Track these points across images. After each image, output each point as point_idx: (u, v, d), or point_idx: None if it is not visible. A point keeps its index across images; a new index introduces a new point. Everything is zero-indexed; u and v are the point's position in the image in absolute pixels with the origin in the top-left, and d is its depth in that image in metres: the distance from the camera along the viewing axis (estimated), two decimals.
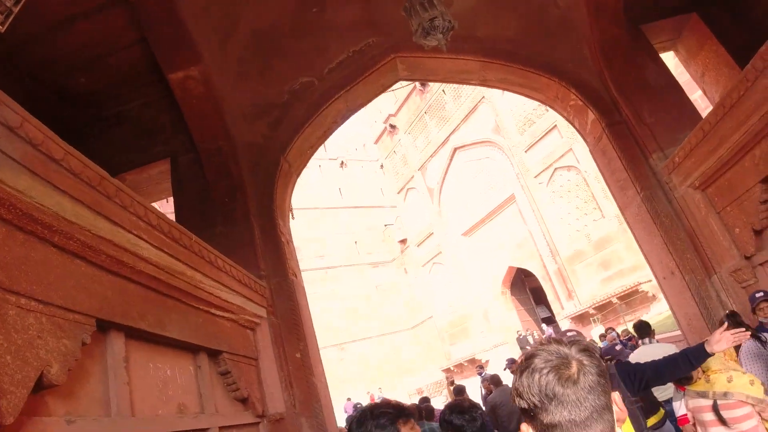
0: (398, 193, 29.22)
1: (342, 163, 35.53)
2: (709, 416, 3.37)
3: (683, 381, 3.59)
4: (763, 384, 3.35)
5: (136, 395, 2.68)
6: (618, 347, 5.54)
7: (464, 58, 6.12)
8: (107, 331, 2.53)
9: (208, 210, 5.27)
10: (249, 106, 5.74)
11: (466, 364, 23.33)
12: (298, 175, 6.17)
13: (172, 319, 3.03)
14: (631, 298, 17.16)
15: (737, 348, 4.10)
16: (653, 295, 16.88)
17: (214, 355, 3.68)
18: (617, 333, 12.23)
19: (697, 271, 5.20)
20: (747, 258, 4.87)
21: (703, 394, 3.43)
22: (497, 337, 22.41)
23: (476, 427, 2.37)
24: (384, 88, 6.37)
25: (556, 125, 19.40)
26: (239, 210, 5.18)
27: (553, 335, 19.57)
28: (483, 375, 13.45)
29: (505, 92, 21.64)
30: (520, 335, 20.34)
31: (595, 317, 17.99)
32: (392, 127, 28.55)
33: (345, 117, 6.17)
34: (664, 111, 5.78)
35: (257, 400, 4.17)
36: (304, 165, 6.27)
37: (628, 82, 5.87)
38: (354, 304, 30.26)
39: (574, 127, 6.66)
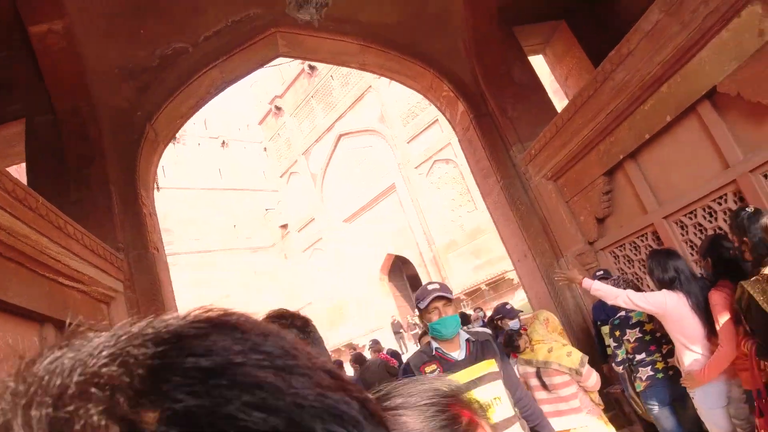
0: (281, 176, 28.80)
1: (223, 142, 34.32)
2: (535, 381, 3.71)
3: (513, 349, 3.92)
4: (583, 356, 3.65)
5: None
6: (508, 306, 5.60)
7: (344, 40, 6.18)
8: None
9: (63, 175, 4.89)
10: (115, 67, 5.37)
11: (343, 349, 23.58)
12: (165, 145, 5.89)
13: (13, 283, 2.81)
14: (498, 284, 18.35)
15: None
16: (517, 282, 18.17)
17: (62, 327, 3.46)
18: (484, 312, 13.08)
19: (546, 254, 5.70)
20: (590, 243, 5.43)
21: (528, 362, 3.77)
22: (374, 323, 22.95)
23: None
24: (263, 62, 6.25)
25: (437, 119, 20.11)
26: (97, 177, 4.86)
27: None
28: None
29: (392, 83, 22.01)
30: (395, 321, 21.00)
31: (465, 302, 19.01)
32: (278, 108, 28.02)
33: (220, 88, 5.98)
34: (526, 107, 6.23)
35: None
36: (173, 134, 6.00)
37: (496, 77, 6.25)
38: (231, 290, 29.36)
39: (445, 117, 7.00)
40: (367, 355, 11.14)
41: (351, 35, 6.16)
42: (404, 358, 9.22)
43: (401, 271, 24.85)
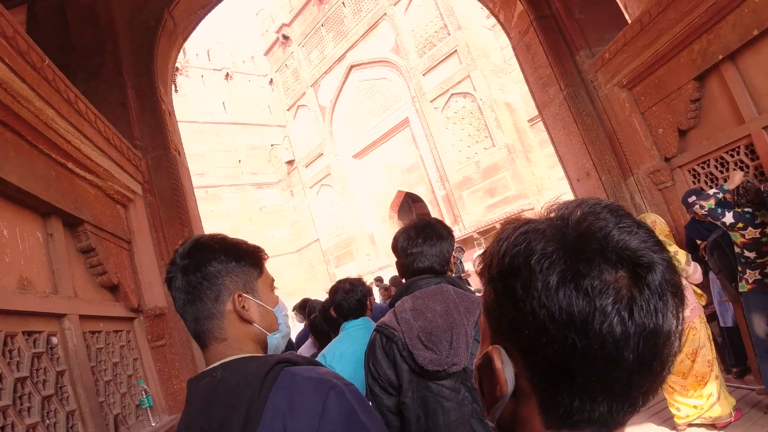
0: (288, 110, 27.77)
1: (227, 75, 33.04)
2: None
3: None
4: (688, 254, 3.84)
5: None
6: None
7: None
8: None
9: (71, 65, 4.18)
10: None
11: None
12: (184, 39, 5.14)
13: (10, 157, 2.17)
14: None
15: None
16: None
17: (71, 225, 2.85)
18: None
19: (613, 171, 5.07)
20: (667, 160, 4.79)
21: None
22: (382, 260, 22.59)
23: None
24: None
25: (456, 50, 19.08)
26: (109, 66, 4.16)
27: None
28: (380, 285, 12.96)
29: (408, 11, 20.83)
30: None
31: (478, 241, 18.54)
32: (285, 38, 26.70)
33: None
34: (594, 9, 5.46)
35: (131, 291, 3.41)
36: (193, 28, 5.23)
37: None
38: (236, 225, 28.94)
39: (498, 20, 6.18)
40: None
41: None
42: None
43: (411, 208, 24.31)
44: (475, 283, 14.79)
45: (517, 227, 0.60)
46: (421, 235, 1.88)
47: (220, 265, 1.11)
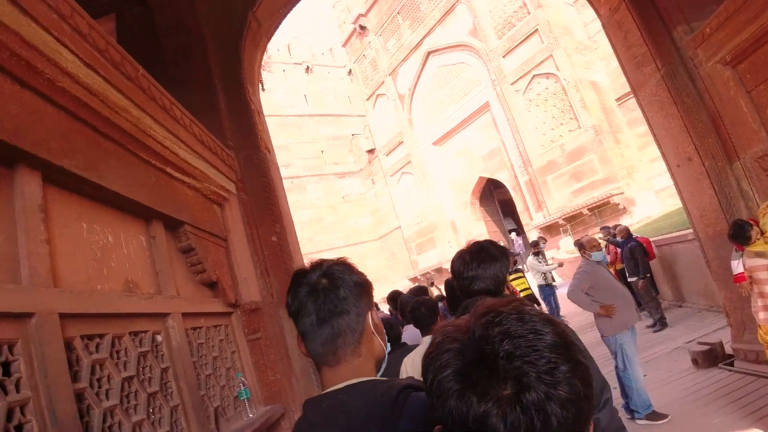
0: (367, 99, 28.00)
1: (308, 68, 33.73)
2: (765, 275, 3.54)
3: (742, 241, 3.77)
4: None
5: (62, 260, 1.97)
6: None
7: None
8: (15, 166, 1.79)
9: (160, 73, 4.35)
10: None
11: (432, 273, 23.39)
12: (268, 39, 5.27)
13: (111, 166, 2.30)
14: (601, 209, 17.06)
15: None
16: (624, 207, 16.84)
17: (172, 227, 2.99)
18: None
19: (718, 156, 4.69)
20: None
21: (760, 254, 3.57)
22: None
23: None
24: None
25: (537, 29, 18.42)
26: (198, 71, 4.32)
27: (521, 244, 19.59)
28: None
29: None
30: None
31: (564, 228, 17.94)
32: (362, 28, 26.86)
33: None
34: None
35: (228, 287, 3.55)
36: (276, 27, 5.33)
37: None
38: (320, 214, 29.74)
39: None
40: None
41: None
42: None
43: (492, 195, 23.88)
44: (562, 272, 14.30)
45: (434, 343, 0.72)
46: (476, 260, 2.00)
47: (362, 282, 1.19)
